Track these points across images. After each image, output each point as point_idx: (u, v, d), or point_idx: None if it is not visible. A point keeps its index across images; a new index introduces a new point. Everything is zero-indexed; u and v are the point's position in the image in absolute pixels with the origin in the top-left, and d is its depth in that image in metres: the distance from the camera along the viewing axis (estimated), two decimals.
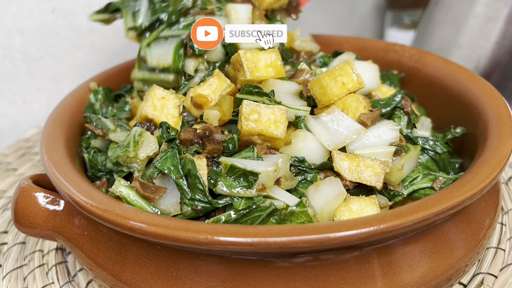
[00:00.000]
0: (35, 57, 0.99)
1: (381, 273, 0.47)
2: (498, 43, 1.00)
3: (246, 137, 0.56)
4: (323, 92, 0.59)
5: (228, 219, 0.51)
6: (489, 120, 0.59)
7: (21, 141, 0.94)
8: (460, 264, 0.51)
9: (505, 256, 0.60)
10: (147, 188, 0.54)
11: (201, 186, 0.52)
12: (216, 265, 0.47)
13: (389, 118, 0.63)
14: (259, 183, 0.51)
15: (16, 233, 0.71)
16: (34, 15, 0.96)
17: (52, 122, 0.66)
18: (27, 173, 0.84)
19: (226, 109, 0.58)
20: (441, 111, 0.72)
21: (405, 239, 0.48)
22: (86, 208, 0.49)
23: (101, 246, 0.53)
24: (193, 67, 0.66)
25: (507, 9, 0.97)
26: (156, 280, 0.49)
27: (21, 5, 0.94)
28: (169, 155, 0.54)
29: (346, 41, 0.86)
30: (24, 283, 0.62)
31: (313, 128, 0.58)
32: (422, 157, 0.62)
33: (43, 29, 0.98)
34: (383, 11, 1.61)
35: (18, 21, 0.94)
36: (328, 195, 0.52)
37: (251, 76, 0.60)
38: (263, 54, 0.61)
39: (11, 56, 0.95)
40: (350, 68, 0.60)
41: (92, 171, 0.65)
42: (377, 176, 0.55)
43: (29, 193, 0.55)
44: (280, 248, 0.42)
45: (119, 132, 0.64)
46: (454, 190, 0.47)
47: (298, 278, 0.46)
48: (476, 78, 0.68)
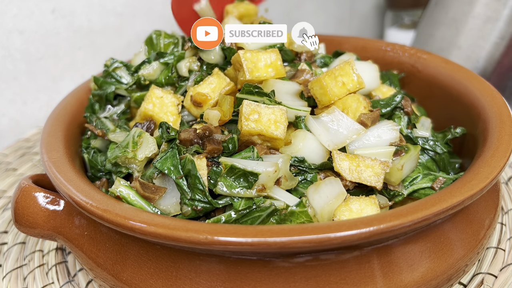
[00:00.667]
0: (35, 57, 0.99)
1: (381, 273, 0.47)
2: (498, 43, 1.00)
3: (246, 137, 0.56)
4: (323, 92, 0.59)
5: (229, 219, 0.51)
6: (489, 120, 0.59)
7: (21, 141, 0.94)
8: (460, 264, 0.51)
9: (505, 256, 0.60)
10: (147, 188, 0.54)
11: (201, 186, 0.52)
12: (216, 265, 0.47)
13: (389, 118, 0.63)
14: (259, 184, 0.51)
15: (16, 233, 0.71)
16: (34, 15, 0.96)
17: (52, 122, 0.66)
18: (27, 173, 0.84)
19: (226, 110, 0.58)
20: (441, 111, 0.72)
21: (405, 239, 0.48)
22: (86, 208, 0.49)
23: (101, 246, 0.53)
24: (185, 68, 0.67)
25: (506, 9, 0.97)
26: (156, 280, 0.49)
27: (21, 5, 0.94)
28: (169, 155, 0.54)
29: (346, 41, 0.86)
30: (24, 283, 0.62)
31: (313, 128, 0.58)
32: (422, 157, 0.62)
33: (43, 29, 0.98)
34: (383, 11, 1.61)
35: (18, 21, 0.94)
36: (328, 195, 0.52)
37: (250, 76, 0.60)
38: (263, 54, 0.61)
39: (11, 56, 0.95)
40: (351, 68, 0.60)
41: (92, 171, 0.65)
42: (377, 176, 0.55)
43: (29, 193, 0.55)
44: (280, 248, 0.42)
45: (118, 132, 0.64)
46: (454, 190, 0.47)
47: (298, 278, 0.46)
48: (476, 78, 0.68)
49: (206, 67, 0.67)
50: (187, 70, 0.67)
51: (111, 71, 0.71)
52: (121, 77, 0.71)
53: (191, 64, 0.67)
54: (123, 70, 0.71)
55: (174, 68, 0.69)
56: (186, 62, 0.67)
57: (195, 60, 0.67)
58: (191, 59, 0.67)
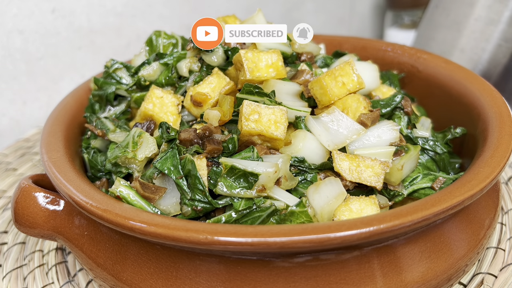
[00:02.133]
0: (35, 57, 0.99)
1: (381, 273, 0.47)
2: (500, 45, 1.00)
3: (246, 137, 0.56)
4: (323, 92, 0.59)
5: (229, 220, 0.51)
6: (489, 120, 0.59)
7: (21, 141, 0.94)
8: (460, 264, 0.51)
9: (505, 256, 0.60)
10: (147, 188, 0.54)
11: (201, 187, 0.52)
12: (216, 265, 0.47)
13: (389, 118, 0.63)
14: (259, 184, 0.51)
15: (16, 233, 0.71)
16: (34, 15, 0.96)
17: (52, 122, 0.66)
18: (27, 173, 0.84)
19: (226, 110, 0.58)
20: (441, 111, 0.72)
21: (405, 239, 0.48)
22: (86, 208, 0.49)
23: (101, 246, 0.53)
24: (186, 68, 0.67)
25: (508, 11, 0.97)
26: (156, 280, 0.49)
27: (21, 5, 0.94)
28: (169, 155, 0.54)
29: (346, 41, 0.86)
30: (24, 283, 0.62)
31: (313, 128, 0.58)
32: (422, 157, 0.62)
33: (43, 29, 0.98)
34: (383, 11, 1.61)
35: (18, 21, 0.94)
36: (328, 195, 0.52)
37: (251, 76, 0.60)
38: (264, 55, 0.61)
39: (11, 56, 0.95)
40: (351, 69, 0.60)
41: (92, 171, 0.65)
42: (377, 176, 0.55)
43: (29, 193, 0.55)
44: (280, 248, 0.42)
45: (118, 132, 0.64)
46: (454, 190, 0.47)
47: (298, 278, 0.46)
48: (476, 78, 0.68)
49: (206, 68, 0.67)
50: (188, 70, 0.67)
51: (111, 72, 0.71)
52: (121, 78, 0.71)
53: (191, 64, 0.67)
54: (123, 71, 0.71)
55: (174, 69, 0.69)
56: (186, 62, 0.67)
57: (196, 61, 0.67)
58: (192, 59, 0.67)
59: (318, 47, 0.73)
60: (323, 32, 0.97)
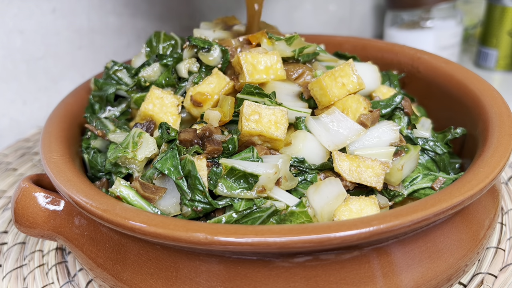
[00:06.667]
0: (35, 57, 0.99)
1: (381, 273, 0.47)
2: None
3: (246, 137, 0.56)
4: (323, 92, 0.59)
5: (230, 220, 0.51)
6: (489, 120, 0.59)
7: (21, 141, 0.94)
8: (460, 264, 0.51)
9: (505, 256, 0.60)
10: (147, 188, 0.54)
11: (201, 187, 0.52)
12: (216, 265, 0.47)
13: (389, 118, 0.63)
14: (259, 185, 0.51)
15: (16, 233, 0.71)
16: (34, 15, 0.96)
17: (52, 122, 0.66)
18: (27, 173, 0.84)
19: (227, 110, 0.58)
20: (441, 111, 0.72)
21: (405, 239, 0.48)
22: (86, 208, 0.49)
23: (101, 246, 0.53)
24: (185, 69, 0.67)
25: None
26: (156, 280, 0.49)
27: (21, 5, 0.94)
28: (169, 155, 0.54)
29: (346, 41, 0.86)
30: (24, 283, 0.62)
31: (313, 128, 0.58)
32: (422, 157, 0.62)
33: (43, 29, 0.98)
34: (383, 11, 1.61)
35: (18, 21, 0.94)
36: (328, 195, 0.52)
37: (250, 79, 0.60)
38: (263, 57, 0.61)
39: (11, 56, 0.95)
40: (350, 69, 0.60)
41: (92, 172, 0.65)
42: (377, 176, 0.55)
43: (29, 193, 0.55)
44: (280, 248, 0.42)
45: (118, 132, 0.64)
46: (454, 190, 0.47)
47: (298, 278, 0.46)
48: (476, 78, 0.68)
49: (205, 69, 0.67)
50: (187, 71, 0.67)
51: (111, 73, 0.71)
52: (121, 79, 0.71)
53: (190, 65, 0.67)
54: (123, 72, 0.71)
55: (174, 70, 0.69)
56: (185, 63, 0.67)
57: (194, 62, 0.67)
58: (190, 60, 0.67)
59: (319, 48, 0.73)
60: (323, 32, 0.97)
